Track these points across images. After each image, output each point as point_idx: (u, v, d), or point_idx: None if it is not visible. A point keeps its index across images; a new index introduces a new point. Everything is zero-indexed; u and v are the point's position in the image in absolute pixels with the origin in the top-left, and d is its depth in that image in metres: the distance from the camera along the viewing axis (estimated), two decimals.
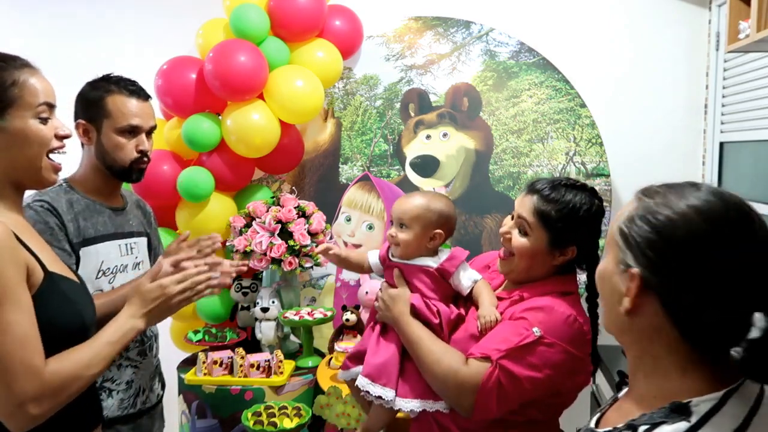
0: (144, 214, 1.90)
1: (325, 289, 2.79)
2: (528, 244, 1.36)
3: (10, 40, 2.90)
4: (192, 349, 2.50)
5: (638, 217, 0.81)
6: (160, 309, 1.28)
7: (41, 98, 1.15)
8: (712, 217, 0.77)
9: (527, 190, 1.40)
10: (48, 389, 1.05)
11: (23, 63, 1.17)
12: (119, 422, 1.71)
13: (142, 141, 1.71)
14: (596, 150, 2.67)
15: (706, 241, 0.76)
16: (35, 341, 1.05)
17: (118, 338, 1.21)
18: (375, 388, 1.38)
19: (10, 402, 1.03)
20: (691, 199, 0.78)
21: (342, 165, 2.79)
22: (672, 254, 0.77)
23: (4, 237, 1.04)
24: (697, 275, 0.75)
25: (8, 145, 1.12)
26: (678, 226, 0.77)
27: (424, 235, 1.45)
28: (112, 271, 1.70)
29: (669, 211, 0.78)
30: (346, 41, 2.61)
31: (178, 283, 1.29)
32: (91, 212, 1.67)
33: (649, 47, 2.72)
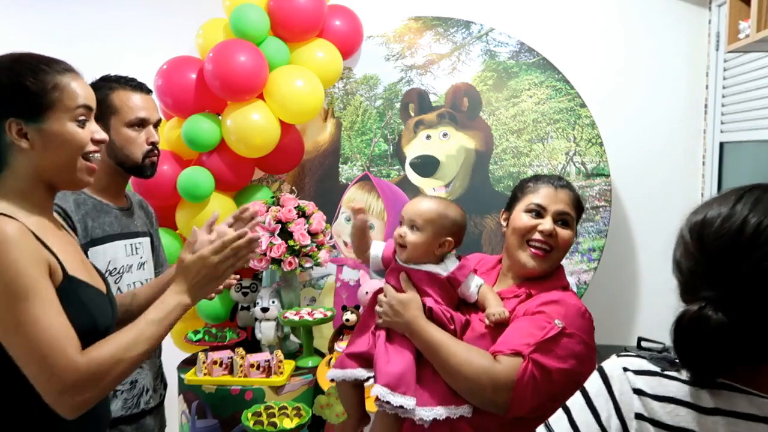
0: (147, 215, 1.91)
1: (325, 289, 2.79)
2: (572, 235, 1.42)
3: (10, 41, 2.91)
4: (192, 349, 2.50)
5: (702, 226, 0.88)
6: (204, 281, 1.24)
7: (80, 101, 1.17)
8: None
9: (554, 185, 1.43)
10: (86, 376, 1.06)
11: (66, 67, 1.19)
12: (123, 422, 1.71)
13: (152, 133, 1.74)
14: (596, 150, 2.67)
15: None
16: (66, 332, 1.06)
17: (163, 316, 1.19)
18: (395, 397, 1.32)
19: (52, 391, 1.05)
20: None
21: (342, 165, 2.79)
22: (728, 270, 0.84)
23: (20, 234, 1.05)
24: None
25: (45, 147, 1.13)
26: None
27: (434, 240, 1.42)
28: (118, 271, 1.71)
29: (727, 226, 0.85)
30: (346, 41, 2.61)
31: (218, 252, 1.25)
32: (98, 212, 1.68)
33: (649, 47, 2.72)
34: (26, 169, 1.14)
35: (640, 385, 0.83)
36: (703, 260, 0.82)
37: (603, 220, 2.63)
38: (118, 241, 1.72)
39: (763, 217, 0.79)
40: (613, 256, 2.68)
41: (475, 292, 1.42)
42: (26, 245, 1.05)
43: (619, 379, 0.85)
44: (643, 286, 2.77)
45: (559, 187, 1.43)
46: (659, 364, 0.85)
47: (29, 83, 1.12)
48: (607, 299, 2.70)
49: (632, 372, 0.84)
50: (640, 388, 0.83)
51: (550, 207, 1.40)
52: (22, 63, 1.14)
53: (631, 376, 0.84)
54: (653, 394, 0.82)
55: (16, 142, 1.12)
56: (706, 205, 0.86)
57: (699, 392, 0.81)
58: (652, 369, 0.84)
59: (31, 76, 1.13)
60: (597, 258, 2.63)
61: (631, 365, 0.86)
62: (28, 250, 1.05)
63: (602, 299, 2.69)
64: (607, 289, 2.71)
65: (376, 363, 1.41)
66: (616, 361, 0.88)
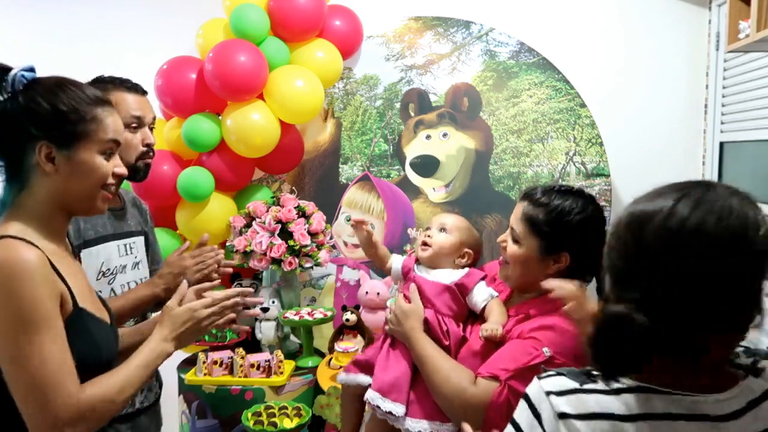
0: (140, 213, 1.90)
1: (325, 289, 2.79)
2: (519, 252, 1.35)
3: (10, 41, 2.92)
4: (192, 349, 2.50)
5: (637, 221, 0.88)
6: (189, 332, 1.30)
7: (111, 135, 1.18)
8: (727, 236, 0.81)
9: (520, 197, 1.41)
10: (82, 413, 1.08)
11: (106, 100, 1.20)
12: (118, 421, 1.71)
13: (147, 135, 1.72)
14: (596, 150, 2.67)
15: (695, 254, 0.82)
16: (70, 367, 1.08)
17: (150, 362, 1.23)
18: (385, 403, 1.36)
19: (46, 425, 1.06)
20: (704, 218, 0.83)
21: (342, 165, 2.79)
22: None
23: (39, 263, 1.06)
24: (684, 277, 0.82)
25: (69, 175, 1.14)
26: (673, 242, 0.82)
27: (458, 247, 1.51)
28: (112, 272, 1.70)
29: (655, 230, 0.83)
30: (346, 41, 2.61)
31: (207, 307, 1.32)
32: None
33: (649, 47, 2.72)
34: (46, 194, 1.15)
35: (563, 408, 0.81)
36: (636, 256, 0.81)
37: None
38: (111, 242, 1.71)
39: (703, 219, 0.77)
40: None
41: (483, 300, 1.43)
42: (44, 275, 1.06)
43: (544, 405, 0.83)
44: None
45: (521, 199, 1.39)
46: (578, 379, 0.84)
47: (68, 111, 1.13)
48: None
49: (554, 394, 0.83)
50: (563, 411, 0.81)
51: (511, 221, 1.41)
52: (65, 89, 1.15)
53: (554, 400, 0.83)
54: (575, 414, 0.80)
55: (42, 165, 1.12)
56: (646, 199, 0.85)
57: (616, 400, 0.80)
58: (572, 386, 0.83)
59: (72, 104, 1.14)
60: None
61: (553, 387, 0.84)
62: (45, 281, 1.06)
63: None
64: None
65: (375, 368, 1.44)
66: (538, 385, 0.86)
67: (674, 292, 0.77)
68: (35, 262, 1.05)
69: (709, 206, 0.78)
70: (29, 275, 1.04)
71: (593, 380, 0.82)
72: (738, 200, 0.79)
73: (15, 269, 1.03)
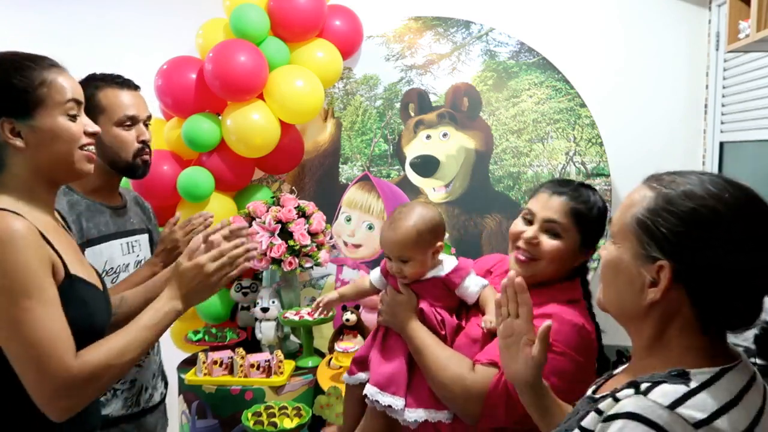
0: (143, 211, 1.90)
1: (325, 289, 2.79)
2: (562, 246, 1.32)
3: (10, 41, 2.91)
4: (192, 349, 2.50)
5: (660, 208, 0.82)
6: (199, 288, 1.25)
7: (69, 95, 1.17)
8: (731, 203, 0.79)
9: (551, 191, 1.35)
10: (79, 380, 1.06)
11: (51, 63, 1.19)
12: (123, 421, 1.71)
13: (142, 131, 1.71)
14: (596, 150, 2.67)
15: (730, 227, 0.79)
16: (64, 334, 1.07)
17: (156, 322, 1.19)
18: (384, 397, 1.35)
19: (43, 394, 1.05)
20: (708, 186, 0.81)
21: (342, 165, 2.79)
22: (701, 243, 0.79)
23: (28, 232, 1.05)
24: (724, 261, 0.78)
25: (39, 144, 1.14)
26: (703, 215, 0.79)
27: (428, 257, 1.42)
28: (115, 271, 1.71)
29: (691, 201, 0.80)
30: (346, 41, 2.61)
31: (215, 259, 1.26)
32: (92, 213, 1.67)
33: (649, 47, 2.72)
34: (24, 168, 1.14)
35: (697, 416, 0.75)
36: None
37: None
38: (114, 241, 1.71)
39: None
40: None
41: (474, 293, 1.42)
42: (33, 243, 1.06)
43: (674, 421, 0.74)
44: None
45: (556, 193, 1.34)
46: (683, 381, 0.78)
47: (16, 81, 1.12)
48: None
49: (681, 407, 0.75)
50: (698, 419, 0.74)
51: (539, 214, 1.34)
52: (6, 62, 1.14)
53: (684, 412, 0.74)
54: (708, 416, 0.75)
55: (10, 142, 1.12)
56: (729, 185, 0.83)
57: (720, 389, 0.78)
58: (684, 390, 0.77)
59: (17, 73, 1.13)
60: (597, 258, 2.62)
61: (671, 397, 0.76)
62: (34, 249, 1.05)
63: None
64: None
65: (371, 362, 1.44)
66: (651, 404, 0.76)
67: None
68: (24, 231, 1.05)
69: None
70: (18, 243, 1.03)
71: (683, 378, 0.78)
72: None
73: (4, 238, 1.03)
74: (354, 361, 1.51)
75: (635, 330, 0.88)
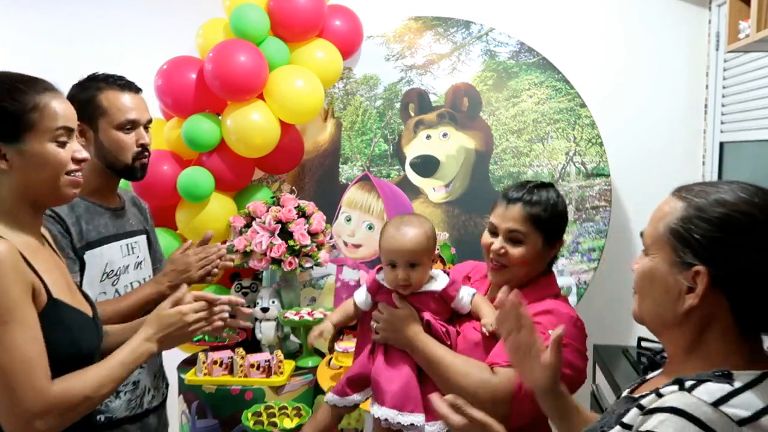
0: (140, 211, 1.90)
1: (325, 289, 2.79)
2: (527, 251, 1.38)
3: (9, 40, 2.92)
4: (192, 349, 2.50)
5: (694, 216, 0.84)
6: (175, 335, 1.29)
7: (60, 122, 1.15)
8: (764, 207, 0.81)
9: (506, 201, 1.42)
10: (55, 407, 1.06)
11: (45, 87, 1.17)
12: (127, 422, 1.71)
13: (142, 135, 1.69)
14: (596, 150, 2.67)
15: (765, 231, 0.80)
16: (41, 360, 1.06)
17: (132, 360, 1.22)
18: (405, 417, 1.33)
19: (16, 419, 1.04)
20: (738, 193, 0.83)
21: (342, 165, 2.79)
22: (737, 247, 0.80)
23: (8, 255, 1.04)
24: (759, 265, 0.80)
25: (26, 168, 1.12)
26: (738, 219, 0.81)
27: (430, 264, 1.44)
28: (115, 273, 1.70)
29: (723, 207, 0.82)
30: (346, 41, 2.61)
31: (197, 312, 1.30)
32: (91, 215, 1.66)
33: (649, 47, 2.72)
34: (8, 189, 1.13)
35: (741, 414, 0.75)
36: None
37: (603, 220, 2.64)
38: (114, 243, 1.70)
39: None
40: (613, 256, 2.68)
41: (467, 303, 1.42)
42: (13, 266, 1.04)
43: (718, 419, 0.75)
44: None
45: (511, 202, 1.41)
46: (727, 381, 0.78)
47: (7, 104, 1.10)
48: (607, 299, 2.70)
49: (725, 405, 0.76)
50: (742, 416, 0.75)
51: (500, 226, 1.41)
52: (0, 84, 1.13)
53: (728, 410, 0.75)
54: (752, 415, 0.75)
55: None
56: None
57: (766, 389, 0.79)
58: (729, 389, 0.77)
59: (9, 96, 1.11)
60: (597, 258, 2.63)
61: (716, 395, 0.76)
62: (13, 272, 1.04)
63: (602, 299, 2.69)
64: (607, 289, 2.71)
65: (378, 383, 1.39)
66: (696, 401, 0.76)
67: None
68: (4, 254, 1.04)
69: None
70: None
71: (727, 378, 0.79)
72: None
73: None
74: (349, 381, 1.46)
75: (672, 338, 0.89)
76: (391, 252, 1.41)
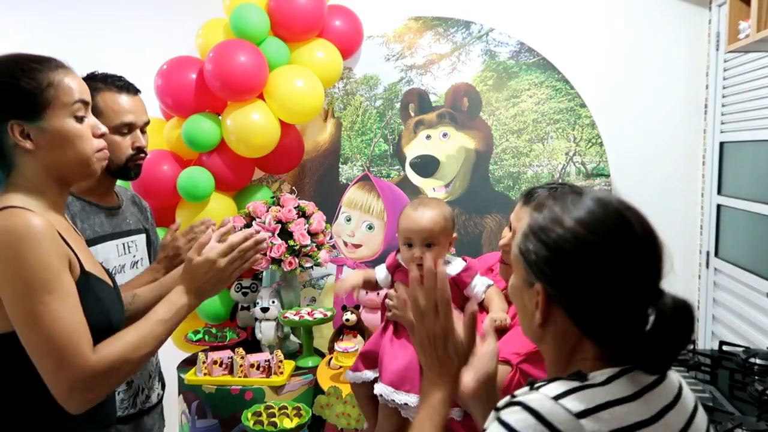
0: (140, 210, 1.88)
1: (325, 289, 2.80)
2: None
3: (10, 40, 2.92)
4: (192, 349, 2.50)
5: (531, 234, 0.86)
6: (211, 282, 1.27)
7: (77, 96, 1.17)
8: (596, 228, 0.82)
9: (523, 200, 1.39)
10: (97, 373, 1.07)
11: (57, 64, 1.19)
12: (120, 422, 1.70)
13: (138, 138, 1.68)
14: (596, 150, 2.67)
15: (593, 251, 0.81)
16: (83, 328, 1.08)
17: (170, 316, 1.21)
18: (399, 395, 1.35)
19: (62, 387, 1.06)
20: (574, 212, 0.83)
21: (342, 165, 2.79)
22: (566, 268, 0.82)
23: (47, 228, 1.06)
24: (591, 283, 0.81)
25: (49, 145, 1.14)
26: (567, 241, 0.82)
27: (447, 245, 1.45)
28: (111, 272, 1.69)
29: (557, 228, 0.83)
30: (346, 41, 2.61)
31: (226, 254, 1.28)
32: (87, 214, 1.65)
33: (649, 47, 2.72)
34: (35, 169, 1.15)
35: (580, 407, 0.76)
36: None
37: None
38: (110, 242, 1.69)
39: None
40: None
41: (480, 292, 1.43)
42: (51, 239, 1.07)
43: (558, 415, 0.75)
44: None
45: (526, 203, 1.35)
46: (577, 379, 0.80)
47: (23, 83, 1.12)
48: None
49: (566, 398, 0.76)
50: (581, 409, 0.76)
51: (513, 224, 1.38)
52: (14, 64, 1.15)
53: (567, 403, 0.76)
54: (591, 407, 0.76)
55: (20, 144, 1.12)
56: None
57: (615, 387, 0.80)
58: (574, 385, 0.79)
59: (25, 76, 1.13)
60: None
61: (559, 391, 0.78)
62: (53, 244, 1.07)
63: None
64: None
65: (381, 359, 1.43)
66: (538, 396, 0.78)
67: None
68: (43, 227, 1.06)
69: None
70: (37, 239, 1.04)
71: (579, 377, 0.81)
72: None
73: (23, 233, 1.04)
74: (361, 356, 1.50)
75: (542, 350, 0.91)
76: (407, 230, 1.43)
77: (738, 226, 2.41)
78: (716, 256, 2.58)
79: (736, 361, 1.89)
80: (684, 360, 1.90)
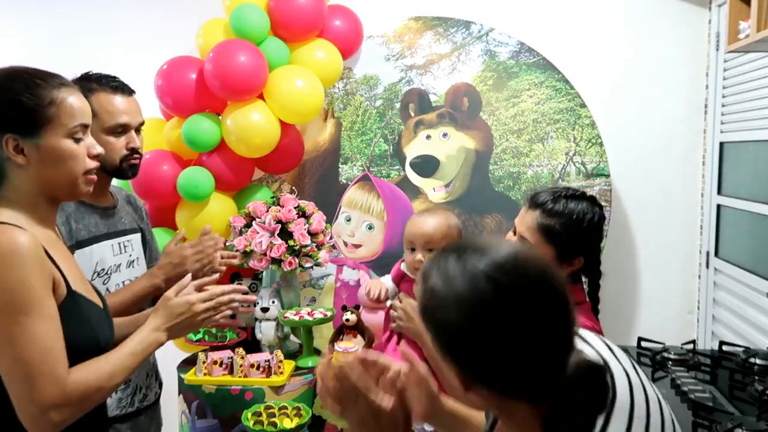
0: (135, 210, 1.88)
1: (325, 289, 2.79)
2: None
3: (10, 40, 2.92)
4: (192, 349, 2.50)
5: (421, 312, 0.84)
6: (183, 324, 1.30)
7: (77, 120, 1.16)
8: (477, 305, 0.78)
9: (528, 205, 1.36)
10: (70, 398, 1.07)
11: (61, 82, 1.18)
12: (118, 421, 1.71)
13: (132, 139, 1.67)
14: (596, 150, 2.67)
15: (475, 330, 0.77)
16: (59, 351, 1.07)
17: (141, 350, 1.23)
18: None
19: (32, 409, 1.05)
20: (460, 287, 0.79)
21: (342, 165, 2.79)
22: (458, 349, 0.80)
23: (32, 247, 1.05)
24: (486, 354, 0.78)
25: (43, 162, 1.14)
26: (451, 326, 0.79)
27: None
28: (106, 272, 1.69)
29: (441, 312, 0.80)
30: (346, 41, 2.61)
31: (204, 301, 1.32)
32: (81, 214, 1.64)
33: (649, 47, 2.72)
34: (27, 183, 1.14)
35: None
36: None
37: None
38: (105, 241, 1.68)
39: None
40: (613, 256, 2.68)
41: None
42: (36, 258, 1.05)
43: None
44: (643, 286, 2.77)
45: (531, 207, 1.35)
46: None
47: (25, 99, 1.11)
48: (607, 299, 2.68)
49: None
50: None
51: (516, 227, 1.38)
52: (18, 78, 1.14)
53: None
54: None
55: (12, 158, 1.12)
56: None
57: None
58: None
59: (27, 91, 1.12)
60: None
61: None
62: (37, 264, 1.05)
63: (602, 299, 2.68)
64: (607, 289, 2.68)
65: None
66: None
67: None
68: (27, 245, 1.05)
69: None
70: (20, 258, 1.03)
71: None
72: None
73: (7, 251, 1.03)
74: None
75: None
76: (411, 234, 1.46)
77: (738, 226, 2.42)
78: (716, 256, 2.58)
79: (736, 361, 1.89)
80: (684, 360, 1.90)
